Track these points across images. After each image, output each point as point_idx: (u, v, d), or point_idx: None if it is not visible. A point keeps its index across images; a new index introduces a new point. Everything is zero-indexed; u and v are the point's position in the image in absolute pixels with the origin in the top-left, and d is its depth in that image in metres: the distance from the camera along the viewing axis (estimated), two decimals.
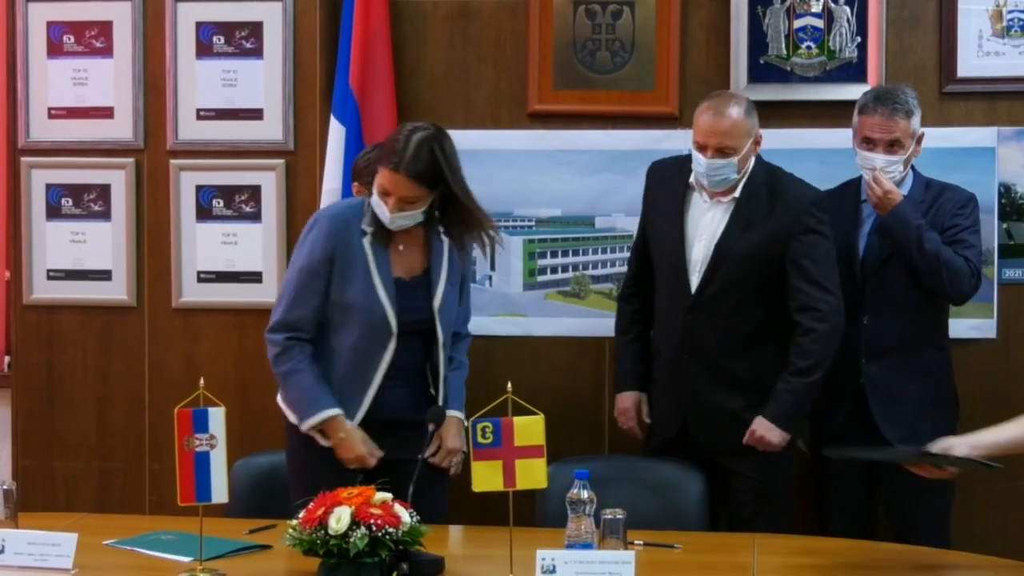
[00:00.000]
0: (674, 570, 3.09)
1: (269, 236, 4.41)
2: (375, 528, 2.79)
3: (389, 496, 2.89)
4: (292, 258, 3.61)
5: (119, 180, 4.47)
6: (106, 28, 4.47)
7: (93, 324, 4.52)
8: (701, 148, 3.69)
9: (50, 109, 4.51)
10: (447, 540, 3.37)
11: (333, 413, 3.46)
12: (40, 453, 4.54)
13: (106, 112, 4.48)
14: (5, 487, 3.11)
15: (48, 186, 4.51)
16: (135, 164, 4.46)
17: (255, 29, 4.40)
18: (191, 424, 2.92)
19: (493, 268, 4.41)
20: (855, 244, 3.88)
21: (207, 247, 4.45)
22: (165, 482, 4.34)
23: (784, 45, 4.27)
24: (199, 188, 4.44)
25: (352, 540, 2.77)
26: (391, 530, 2.80)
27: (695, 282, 3.74)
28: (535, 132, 4.38)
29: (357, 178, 3.93)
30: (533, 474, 2.86)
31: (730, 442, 3.72)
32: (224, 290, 4.44)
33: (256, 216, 4.43)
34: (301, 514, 2.89)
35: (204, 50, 4.42)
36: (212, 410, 2.93)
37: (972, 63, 4.22)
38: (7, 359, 4.75)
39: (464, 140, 4.27)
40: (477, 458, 2.86)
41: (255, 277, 4.43)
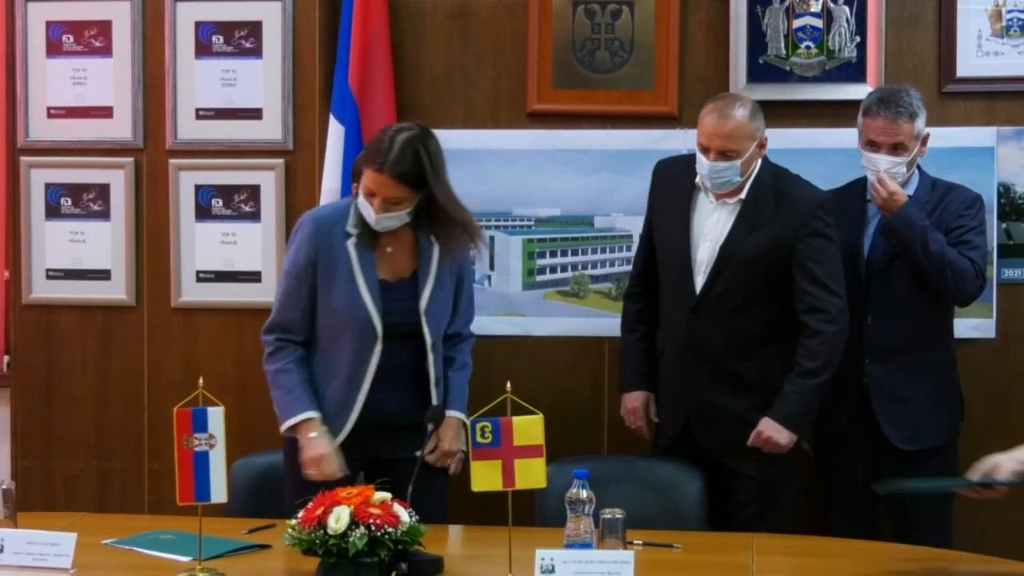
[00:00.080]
0: (673, 570, 3.09)
1: (268, 236, 4.41)
2: (374, 528, 2.79)
3: (388, 496, 2.89)
4: (284, 260, 3.62)
5: (118, 180, 4.47)
6: (105, 28, 4.47)
7: (92, 324, 4.51)
8: (704, 150, 3.67)
9: (49, 109, 4.50)
10: (446, 540, 3.37)
11: (309, 415, 3.45)
12: (39, 453, 4.54)
13: (105, 112, 4.48)
14: (4, 487, 3.11)
15: (47, 186, 4.50)
16: (134, 164, 4.46)
17: (254, 29, 4.40)
18: (190, 424, 2.92)
19: (492, 268, 4.41)
20: (860, 244, 3.87)
21: (206, 247, 4.44)
22: (164, 482, 4.34)
23: (783, 45, 4.26)
24: (198, 188, 4.44)
25: (351, 540, 2.78)
26: (390, 530, 2.80)
27: (700, 283, 3.73)
28: (534, 132, 4.38)
29: (356, 179, 3.92)
30: (532, 474, 2.87)
31: (733, 443, 3.71)
32: (223, 290, 4.44)
33: (255, 216, 4.42)
34: (300, 514, 2.89)
35: (203, 50, 4.42)
36: (211, 410, 2.93)
37: (971, 63, 4.22)
38: (6, 359, 4.75)
39: (463, 140, 4.31)
40: (476, 458, 2.86)
41: (254, 277, 4.42)
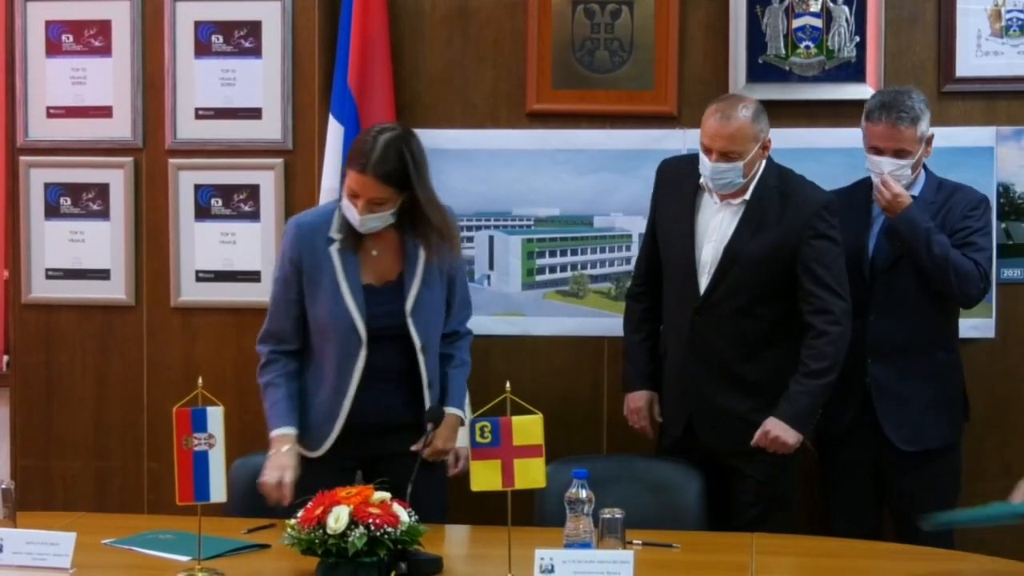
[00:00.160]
0: (672, 570, 3.09)
1: (268, 235, 4.40)
2: (373, 527, 2.79)
3: (388, 495, 2.89)
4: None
5: (118, 179, 4.47)
6: (105, 27, 4.47)
7: (91, 323, 4.51)
8: (707, 151, 3.67)
9: (49, 108, 4.50)
10: (445, 539, 3.36)
11: (284, 432, 3.44)
12: (38, 452, 4.53)
13: (105, 111, 4.48)
14: (3, 486, 3.11)
15: (47, 185, 4.50)
16: (134, 163, 4.46)
17: (254, 28, 4.40)
18: (189, 423, 2.92)
19: (492, 267, 4.41)
20: (865, 245, 3.85)
21: (206, 246, 4.44)
22: (163, 481, 4.34)
23: (783, 45, 4.26)
24: (198, 187, 4.44)
25: (350, 539, 2.78)
26: (389, 529, 2.81)
27: (704, 283, 3.73)
28: (534, 132, 4.38)
29: None
30: (532, 473, 2.87)
31: (736, 443, 3.70)
32: (222, 289, 4.44)
33: (255, 215, 4.42)
34: (299, 513, 2.89)
35: (203, 49, 4.42)
36: (210, 409, 2.94)
37: (971, 63, 4.22)
38: (6, 358, 4.75)
39: (463, 140, 4.31)
40: (476, 457, 2.86)
41: (253, 276, 4.42)
